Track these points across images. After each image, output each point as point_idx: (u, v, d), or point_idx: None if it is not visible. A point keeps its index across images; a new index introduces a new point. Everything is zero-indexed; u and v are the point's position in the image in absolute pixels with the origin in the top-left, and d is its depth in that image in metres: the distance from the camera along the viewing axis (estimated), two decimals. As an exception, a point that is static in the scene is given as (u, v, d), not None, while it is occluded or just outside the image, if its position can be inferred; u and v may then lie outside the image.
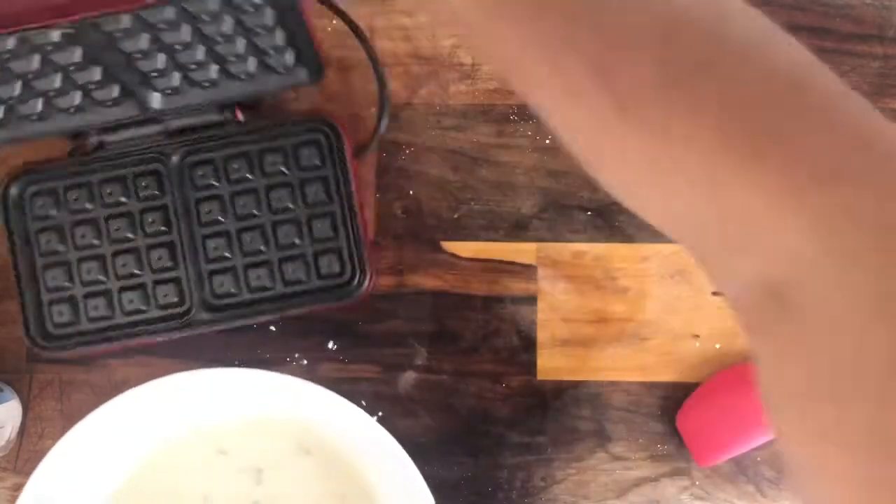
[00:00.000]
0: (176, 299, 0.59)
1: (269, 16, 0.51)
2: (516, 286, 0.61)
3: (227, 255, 0.59)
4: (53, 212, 0.59)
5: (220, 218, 0.59)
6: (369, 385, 0.61)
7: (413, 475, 0.54)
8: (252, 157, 0.59)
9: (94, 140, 0.59)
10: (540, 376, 0.61)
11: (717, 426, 0.59)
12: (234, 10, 0.50)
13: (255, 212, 0.59)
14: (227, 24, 0.51)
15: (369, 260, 0.59)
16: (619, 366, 0.61)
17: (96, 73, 0.53)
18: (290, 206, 0.59)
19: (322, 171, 0.59)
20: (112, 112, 0.57)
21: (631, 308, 0.61)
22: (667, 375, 0.61)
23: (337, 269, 0.59)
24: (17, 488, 0.60)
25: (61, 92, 0.54)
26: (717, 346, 0.61)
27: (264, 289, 0.59)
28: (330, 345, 0.61)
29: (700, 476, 0.61)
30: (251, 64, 0.56)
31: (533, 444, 0.61)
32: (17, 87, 0.53)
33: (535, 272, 0.61)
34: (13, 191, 0.59)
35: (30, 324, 0.59)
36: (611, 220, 0.62)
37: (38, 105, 0.55)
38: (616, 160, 0.33)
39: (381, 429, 0.54)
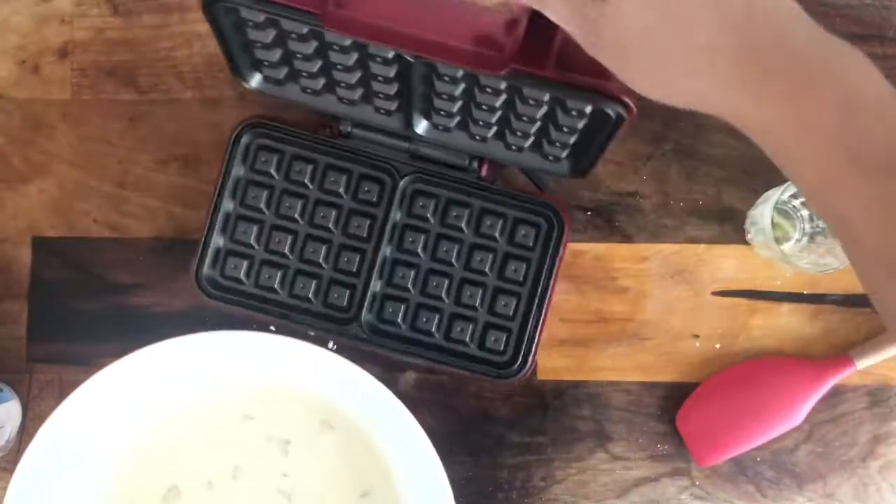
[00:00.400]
0: (344, 304, 0.59)
1: (581, 123, 0.51)
2: (516, 286, 0.61)
3: (408, 286, 0.59)
4: (273, 171, 0.60)
5: (419, 251, 0.60)
6: (369, 385, 0.61)
7: (430, 455, 0.54)
8: (474, 211, 0.60)
9: (344, 128, 0.59)
10: (540, 376, 0.61)
11: (717, 426, 0.59)
12: (556, 106, 0.50)
13: (452, 261, 0.60)
14: (540, 112, 0.51)
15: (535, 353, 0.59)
16: (619, 366, 0.61)
17: (393, 89, 0.53)
18: (487, 270, 0.59)
19: (530, 252, 0.59)
20: (378, 117, 0.58)
21: (631, 308, 0.61)
22: (667, 375, 0.61)
23: (500, 347, 0.59)
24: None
25: (350, 87, 0.55)
26: (717, 346, 0.61)
27: (427, 333, 0.60)
28: (330, 344, 0.61)
29: (700, 476, 0.61)
30: (529, 143, 0.56)
31: (533, 444, 0.61)
32: (316, 66, 0.53)
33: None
34: (245, 137, 0.59)
35: (203, 265, 0.59)
36: (611, 220, 0.62)
37: (320, 84, 0.56)
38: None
39: (399, 404, 0.55)
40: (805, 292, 0.61)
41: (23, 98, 0.62)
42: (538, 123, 0.52)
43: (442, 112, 0.55)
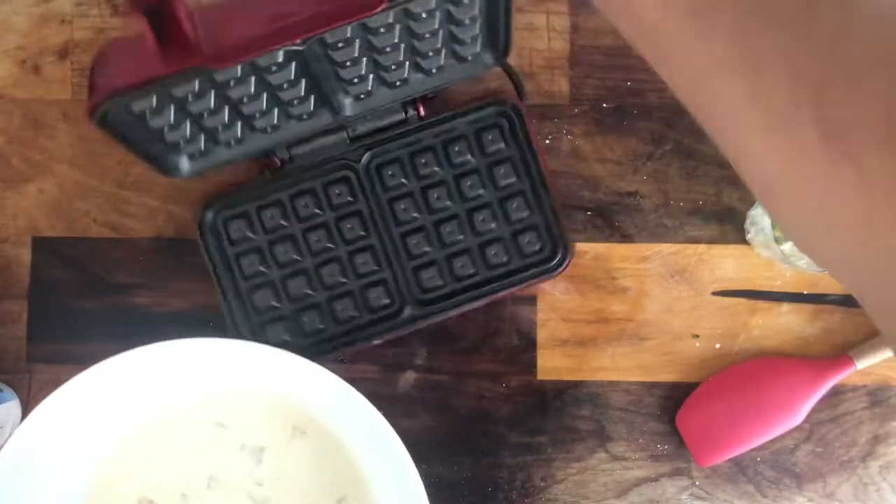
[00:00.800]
0: (386, 301, 0.60)
1: (477, 5, 0.50)
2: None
3: (427, 249, 0.60)
4: (250, 234, 0.59)
5: (415, 214, 0.60)
6: (369, 385, 0.61)
7: (402, 456, 0.54)
8: (437, 149, 0.60)
9: (283, 155, 0.59)
10: (540, 376, 0.61)
11: (717, 426, 0.59)
12: (447, 5, 0.50)
13: (448, 203, 0.60)
14: (437, 20, 0.51)
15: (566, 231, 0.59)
16: (619, 366, 0.61)
17: (301, 89, 0.53)
18: (482, 192, 0.60)
19: (507, 151, 0.60)
20: (304, 125, 0.57)
21: (631, 308, 0.61)
22: (667, 375, 0.61)
23: (537, 246, 0.60)
24: None
25: (264, 112, 0.54)
26: (717, 346, 0.61)
27: (469, 276, 0.60)
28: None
29: (700, 476, 0.61)
30: (444, 57, 0.55)
31: (533, 444, 0.61)
32: (226, 115, 0.53)
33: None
34: (208, 218, 0.59)
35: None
36: (611, 220, 0.62)
37: (238, 130, 0.55)
38: (808, 198, 0.30)
39: (373, 409, 0.54)
40: (805, 292, 0.61)
41: (23, 98, 0.62)
42: (440, 33, 0.52)
43: (355, 80, 0.54)
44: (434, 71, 0.57)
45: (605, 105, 0.62)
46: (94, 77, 0.47)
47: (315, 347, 0.59)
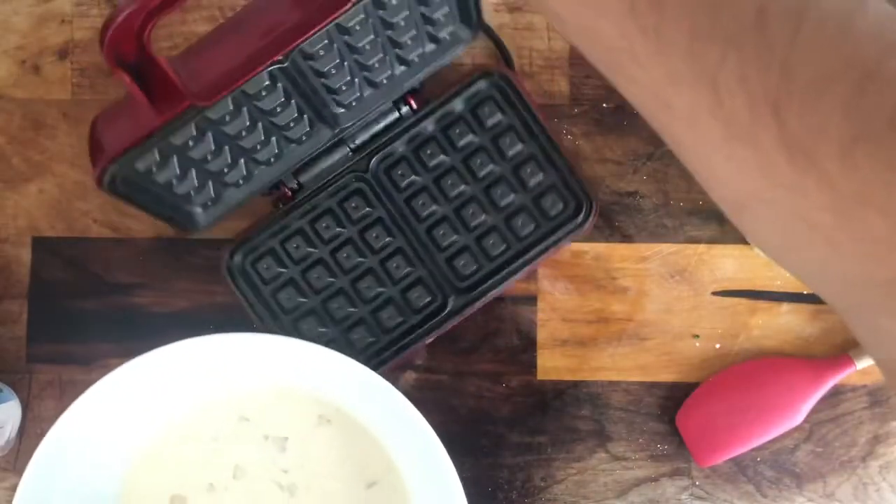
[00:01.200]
0: (429, 298, 0.60)
1: None
2: (516, 286, 0.61)
3: (455, 238, 0.60)
4: (280, 269, 0.59)
5: (434, 207, 0.60)
6: (369, 385, 0.61)
7: (434, 444, 0.54)
8: (438, 138, 0.60)
9: (291, 184, 0.59)
10: (540, 376, 0.61)
11: (717, 426, 0.59)
12: None
13: (463, 187, 0.60)
14: (407, 3, 0.51)
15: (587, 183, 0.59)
16: (619, 366, 0.61)
17: (294, 109, 0.53)
18: (492, 167, 0.60)
19: (507, 120, 0.59)
20: (305, 148, 0.58)
21: (631, 308, 0.61)
22: (667, 375, 0.61)
23: (561, 205, 0.60)
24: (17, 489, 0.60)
25: (264, 143, 0.55)
26: (717, 346, 0.61)
27: (503, 253, 0.60)
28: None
29: (700, 476, 0.61)
30: (423, 44, 0.55)
31: (533, 444, 0.61)
32: (228, 154, 0.53)
33: (535, 272, 0.61)
34: (236, 262, 0.59)
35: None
36: (611, 220, 0.62)
37: (243, 167, 0.56)
38: (776, 211, 0.30)
39: (399, 394, 0.54)
40: (805, 292, 0.61)
41: (23, 98, 0.62)
42: (413, 19, 0.52)
43: (343, 87, 0.54)
44: (416, 60, 0.57)
45: (605, 105, 0.62)
46: (94, 144, 0.48)
47: (370, 361, 0.59)
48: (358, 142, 0.59)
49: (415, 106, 0.59)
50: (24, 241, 0.62)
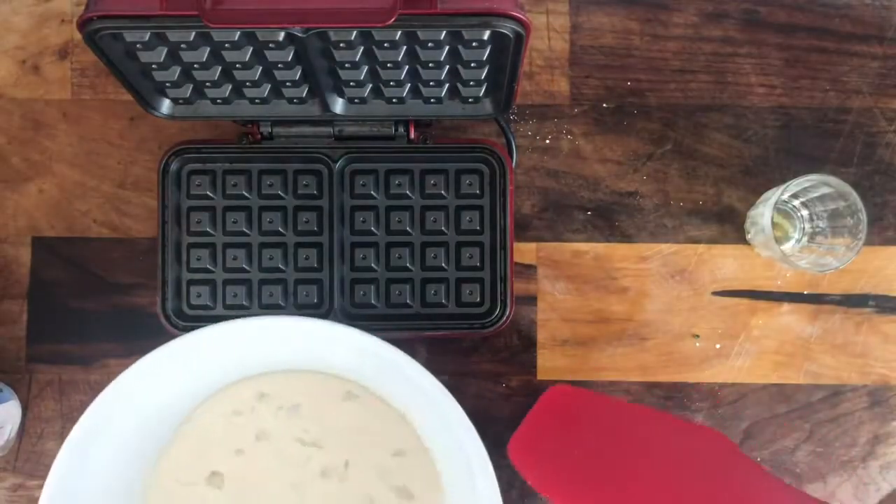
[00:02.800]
0: (315, 301, 0.60)
1: (486, 53, 0.50)
2: (516, 286, 0.61)
3: (373, 266, 0.60)
4: (209, 192, 0.60)
5: (372, 229, 0.60)
6: (369, 385, 0.61)
7: (458, 416, 0.52)
8: (415, 174, 0.60)
9: (265, 129, 0.59)
10: (540, 376, 0.61)
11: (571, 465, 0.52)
12: (457, 42, 0.49)
13: (408, 229, 0.60)
14: (443, 53, 0.50)
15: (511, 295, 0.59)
16: (619, 366, 0.61)
17: (296, 73, 0.53)
18: (444, 229, 0.60)
19: (479, 199, 0.60)
20: (292, 108, 0.57)
21: (631, 308, 0.61)
22: (667, 375, 0.61)
23: (477, 299, 0.60)
24: (17, 488, 0.60)
25: (255, 84, 0.54)
26: (717, 346, 0.61)
27: (403, 305, 0.60)
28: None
29: (700, 476, 0.61)
30: (444, 90, 0.55)
31: (533, 444, 0.61)
32: (216, 73, 0.53)
33: (535, 272, 0.61)
34: (173, 165, 0.59)
35: (167, 300, 0.59)
36: (611, 220, 0.62)
37: (227, 91, 0.55)
38: None
39: (420, 367, 0.52)
40: (805, 292, 0.61)
41: (23, 98, 0.62)
42: (446, 67, 0.52)
43: (352, 83, 0.54)
44: (432, 101, 0.57)
45: (605, 105, 0.62)
46: None
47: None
48: (345, 132, 0.59)
49: (412, 135, 0.59)
50: (24, 240, 0.62)
